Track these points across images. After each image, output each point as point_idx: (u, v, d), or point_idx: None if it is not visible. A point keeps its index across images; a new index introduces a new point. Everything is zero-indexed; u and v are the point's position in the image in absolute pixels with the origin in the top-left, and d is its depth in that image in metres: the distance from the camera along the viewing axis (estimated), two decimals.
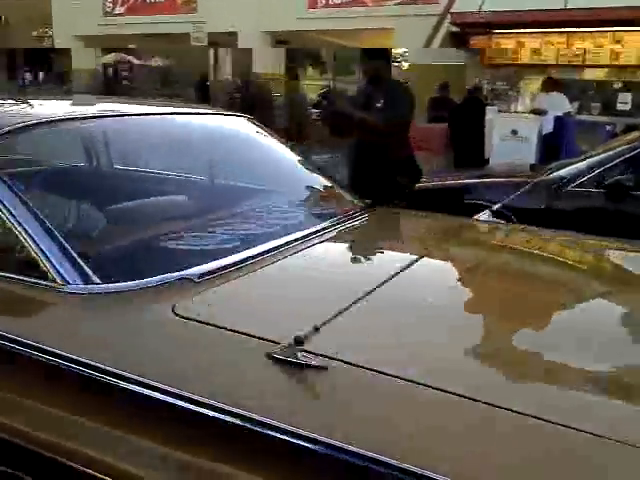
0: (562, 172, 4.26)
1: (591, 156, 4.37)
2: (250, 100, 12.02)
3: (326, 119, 5.76)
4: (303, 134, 13.97)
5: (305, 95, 15.77)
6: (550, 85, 8.94)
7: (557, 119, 8.36)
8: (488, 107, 9.03)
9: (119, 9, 15.65)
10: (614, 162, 4.01)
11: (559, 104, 8.63)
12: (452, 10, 10.04)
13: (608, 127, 7.83)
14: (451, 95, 9.92)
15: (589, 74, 10.30)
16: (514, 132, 8.16)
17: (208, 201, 2.33)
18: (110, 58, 18.78)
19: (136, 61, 19.97)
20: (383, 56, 4.25)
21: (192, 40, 12.67)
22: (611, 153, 4.15)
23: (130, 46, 19.39)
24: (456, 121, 8.62)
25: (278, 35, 13.71)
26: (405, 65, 14.88)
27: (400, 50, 14.29)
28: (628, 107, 9.55)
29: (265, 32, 13.44)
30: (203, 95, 17.57)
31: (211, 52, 14.60)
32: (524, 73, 10.52)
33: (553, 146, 8.02)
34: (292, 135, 13.60)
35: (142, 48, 20.30)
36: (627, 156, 4.01)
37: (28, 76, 20.33)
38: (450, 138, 8.44)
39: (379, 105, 3.88)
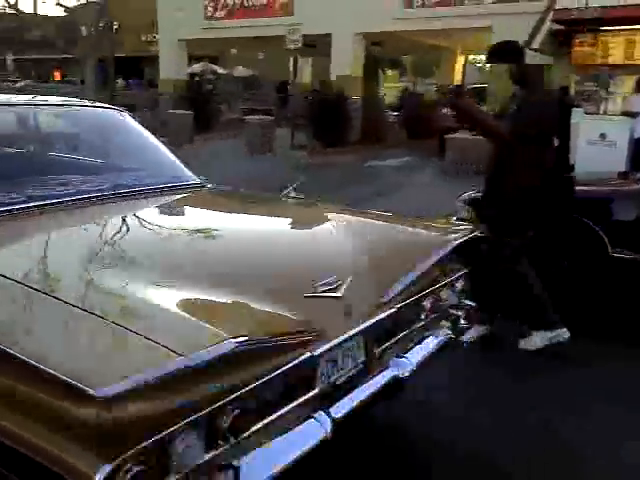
0: None
1: None
2: (324, 102, 12.43)
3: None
4: (379, 136, 14.14)
5: (382, 97, 16.06)
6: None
7: None
8: (574, 109, 8.66)
9: (219, 13, 16.37)
10: None
11: None
12: (556, 7, 9.59)
13: None
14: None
15: None
16: (602, 136, 7.76)
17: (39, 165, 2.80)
18: (197, 67, 19.68)
19: (221, 70, 21.03)
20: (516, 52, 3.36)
21: (287, 42, 13.03)
22: None
23: (232, 50, 20.21)
24: None
25: (373, 36, 13.78)
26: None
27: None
28: None
29: (359, 33, 13.58)
30: (283, 98, 18.26)
31: (291, 59, 15.01)
32: (616, 72, 9.97)
33: None
34: (370, 136, 13.86)
35: (228, 56, 21.00)
36: None
37: (120, 82, 21.74)
38: None
39: (511, 111, 3.29)
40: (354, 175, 9.77)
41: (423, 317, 2.17)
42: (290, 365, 1.54)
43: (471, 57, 19.91)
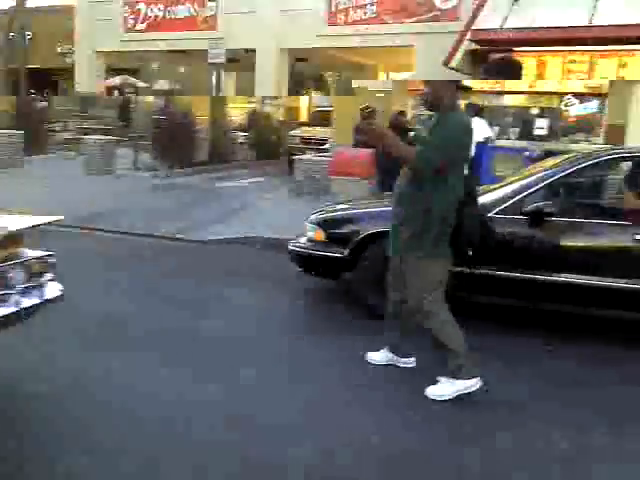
0: (482, 199, 4.11)
1: (511, 182, 4.39)
2: (170, 121, 12.24)
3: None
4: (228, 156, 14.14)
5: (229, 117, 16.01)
6: (472, 110, 8.87)
7: (477, 145, 8.17)
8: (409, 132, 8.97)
9: (140, 25, 16.17)
10: (532, 189, 4.07)
11: (480, 129, 8.51)
12: (473, 27, 9.62)
13: (527, 152, 7.72)
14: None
15: (508, 100, 10.32)
16: None
17: None
18: (116, 80, 18.74)
19: (141, 83, 19.76)
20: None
21: (209, 57, 12.98)
22: (531, 179, 4.20)
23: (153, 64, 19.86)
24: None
25: (297, 53, 13.85)
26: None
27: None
28: (545, 132, 9.74)
29: (284, 49, 13.61)
30: (126, 116, 17.81)
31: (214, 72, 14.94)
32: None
33: (475, 172, 7.77)
34: (218, 157, 13.76)
35: (149, 70, 20.59)
36: (546, 182, 4.10)
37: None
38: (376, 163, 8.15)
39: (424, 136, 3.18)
40: (200, 197, 9.79)
41: None
42: None
43: (395, 75, 20.28)
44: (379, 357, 3.58)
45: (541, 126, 10.24)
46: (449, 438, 2.86)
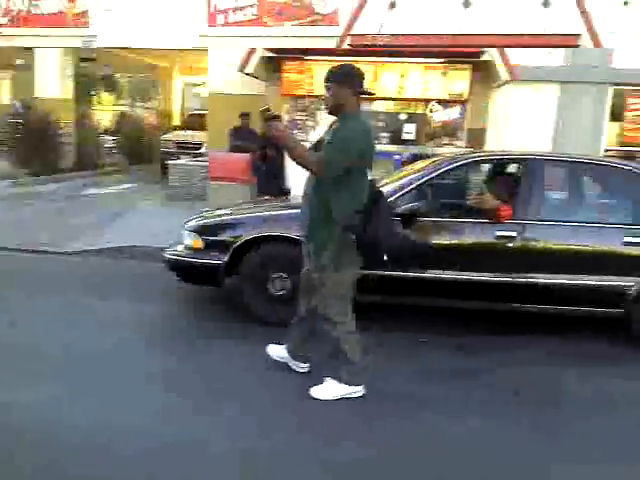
0: None
1: (383, 185, 4.42)
2: (29, 126, 11.49)
3: None
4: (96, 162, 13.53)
5: (97, 121, 15.14)
6: None
7: None
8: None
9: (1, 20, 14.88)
10: (403, 191, 4.24)
11: None
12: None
13: (397, 156, 8.00)
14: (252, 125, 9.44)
15: (379, 105, 10.73)
16: None
17: None
18: None
19: None
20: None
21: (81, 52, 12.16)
22: (402, 182, 4.36)
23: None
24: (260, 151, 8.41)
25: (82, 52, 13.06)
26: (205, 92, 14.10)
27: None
28: (413, 137, 10.43)
29: (68, 48, 12.61)
30: None
31: None
32: (321, 103, 10.47)
33: None
34: (85, 163, 13.02)
35: None
36: (414, 185, 4.29)
37: None
38: (253, 168, 8.29)
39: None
40: (67, 206, 9.20)
41: None
42: None
43: (190, 80, 19.58)
44: (277, 352, 3.59)
45: (409, 131, 10.75)
46: (325, 435, 2.92)
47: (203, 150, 12.45)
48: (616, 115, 11.41)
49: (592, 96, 11.20)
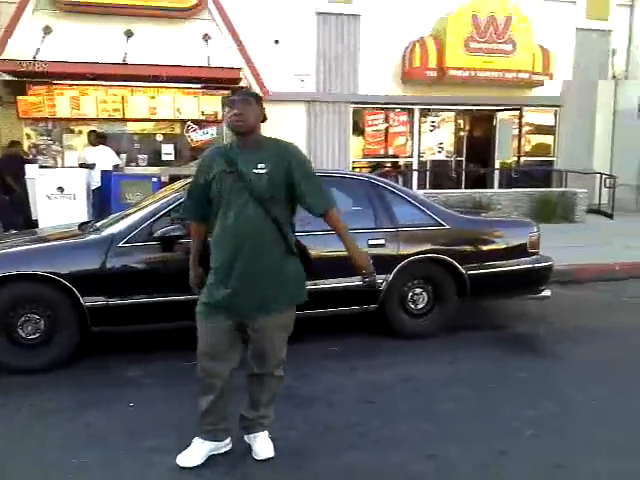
0: (110, 229, 4.21)
1: (139, 210, 4.41)
2: None
3: None
4: None
5: None
6: (95, 138, 9.15)
7: (104, 173, 8.53)
8: (28, 164, 8.66)
9: None
10: (160, 213, 4.15)
11: (107, 157, 8.91)
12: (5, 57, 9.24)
13: (154, 178, 7.93)
14: None
15: (134, 127, 10.67)
16: (60, 189, 7.87)
17: None
18: None
19: None
20: None
21: None
22: (158, 205, 4.26)
23: None
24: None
25: None
26: None
27: None
28: (172, 157, 10.61)
29: None
30: None
31: None
32: (67, 126, 10.29)
33: (104, 201, 8.05)
34: None
35: None
36: (172, 207, 4.17)
37: None
38: None
39: None
40: None
41: None
42: None
43: None
44: (197, 454, 2.82)
45: (168, 152, 10.59)
46: None
47: None
48: (359, 131, 12.60)
49: (337, 115, 12.20)
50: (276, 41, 11.35)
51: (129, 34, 9.76)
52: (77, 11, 9.72)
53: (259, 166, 2.66)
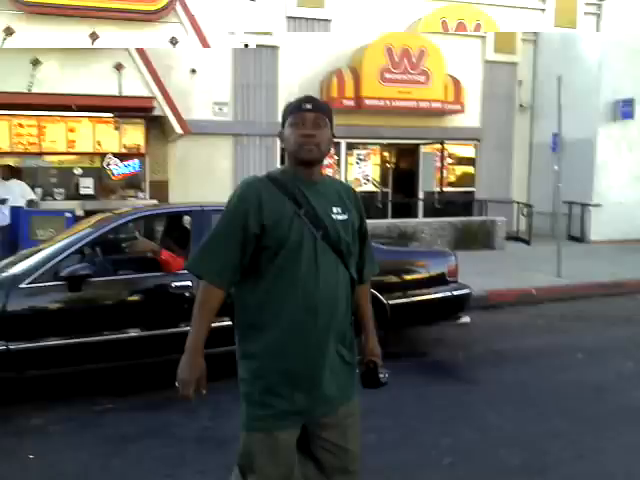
0: (13, 269, 3.98)
1: (46, 247, 4.20)
2: None
3: None
4: None
5: None
6: (8, 172, 8.76)
7: (13, 209, 8.20)
8: None
9: None
10: (70, 251, 3.97)
11: (20, 192, 8.54)
12: None
13: (68, 213, 7.58)
14: None
15: (51, 160, 10.37)
16: None
17: None
18: None
19: None
20: None
21: None
22: (66, 242, 4.07)
23: None
24: None
25: None
26: None
27: None
28: (91, 191, 10.36)
29: None
30: None
31: None
32: None
33: (14, 238, 7.69)
34: None
35: None
36: (83, 243, 4.05)
37: None
38: None
39: None
40: None
41: None
42: None
43: None
44: None
45: (87, 185, 10.30)
46: None
47: None
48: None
49: (262, 145, 12.25)
50: (193, 70, 11.36)
51: (36, 62, 9.34)
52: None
53: (334, 210, 1.94)
